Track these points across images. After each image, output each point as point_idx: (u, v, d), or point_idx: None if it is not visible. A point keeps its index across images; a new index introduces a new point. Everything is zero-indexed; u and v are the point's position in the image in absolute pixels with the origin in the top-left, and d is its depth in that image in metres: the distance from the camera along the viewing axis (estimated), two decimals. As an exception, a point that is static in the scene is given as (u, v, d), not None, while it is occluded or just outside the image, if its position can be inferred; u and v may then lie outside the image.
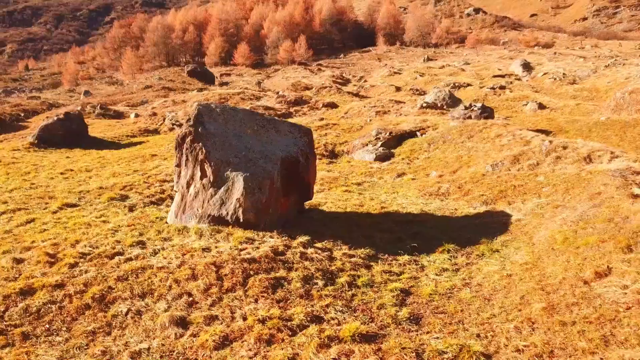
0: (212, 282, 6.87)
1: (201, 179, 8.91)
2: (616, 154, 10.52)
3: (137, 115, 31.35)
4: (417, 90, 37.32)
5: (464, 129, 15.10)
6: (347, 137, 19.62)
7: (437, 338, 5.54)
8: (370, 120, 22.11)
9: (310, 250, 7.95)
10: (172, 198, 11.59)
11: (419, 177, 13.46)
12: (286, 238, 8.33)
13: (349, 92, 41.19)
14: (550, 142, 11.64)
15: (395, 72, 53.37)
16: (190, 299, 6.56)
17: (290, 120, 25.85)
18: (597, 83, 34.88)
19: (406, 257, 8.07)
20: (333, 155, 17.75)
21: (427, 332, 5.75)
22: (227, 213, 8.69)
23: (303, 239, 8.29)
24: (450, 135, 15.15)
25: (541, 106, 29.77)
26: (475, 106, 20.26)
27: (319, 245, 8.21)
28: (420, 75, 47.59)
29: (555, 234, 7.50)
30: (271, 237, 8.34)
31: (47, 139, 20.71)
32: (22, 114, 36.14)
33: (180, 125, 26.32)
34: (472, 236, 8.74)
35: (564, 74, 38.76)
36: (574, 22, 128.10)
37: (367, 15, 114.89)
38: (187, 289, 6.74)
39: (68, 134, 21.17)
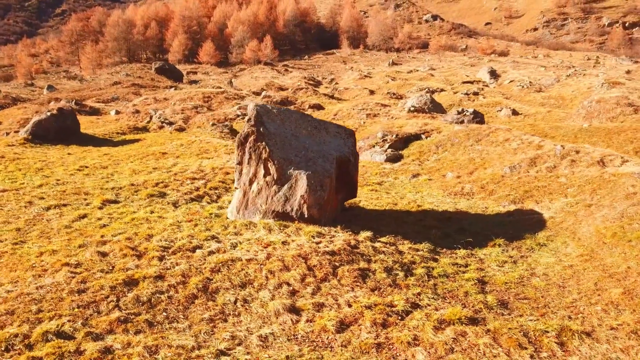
0: (304, 272, 7.32)
1: (264, 176, 9.29)
2: (625, 159, 11.64)
3: (117, 112, 30.83)
4: (394, 94, 38.39)
5: (470, 132, 16.01)
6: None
7: (533, 320, 6.23)
8: (363, 122, 22.81)
9: (378, 244, 8.51)
10: (209, 195, 11.87)
11: (435, 177, 14.23)
12: (350, 233, 8.85)
13: (324, 94, 41.80)
14: (563, 146, 12.68)
15: (365, 76, 54.46)
16: (290, 288, 6.98)
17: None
18: (562, 91, 37.04)
19: (463, 251, 8.75)
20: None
21: (520, 315, 6.44)
22: (292, 209, 9.11)
23: (366, 234, 8.83)
24: (458, 139, 16.03)
25: (515, 112, 31.37)
26: (467, 111, 21.34)
27: (383, 239, 8.77)
28: (391, 79, 48.85)
29: (601, 229, 8.38)
30: (336, 232, 8.83)
31: (41, 135, 20.24)
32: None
33: (170, 124, 26.22)
34: (514, 232, 9.54)
35: (530, 82, 40.87)
36: (525, 31, 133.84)
37: (329, 17, 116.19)
38: (284, 279, 7.15)
39: (62, 129, 20.75)
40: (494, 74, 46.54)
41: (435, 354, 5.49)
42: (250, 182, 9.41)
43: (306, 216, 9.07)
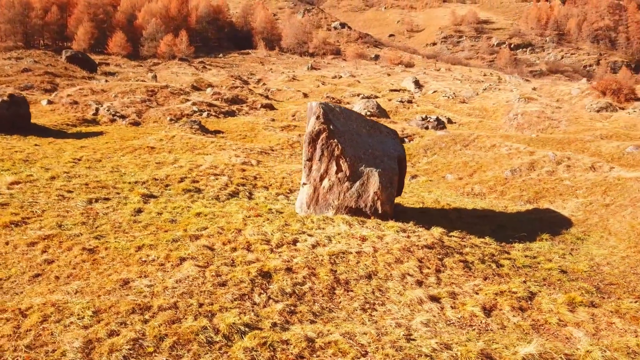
0: (417, 264, 7.71)
1: (336, 173, 9.50)
2: (612, 165, 13.41)
3: (50, 102, 28.38)
4: (333, 98, 39.33)
5: (455, 138, 17.23)
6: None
7: (634, 302, 7.20)
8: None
9: (454, 239, 9.12)
10: (241, 192, 11.72)
11: (435, 179, 15.18)
12: (423, 228, 9.36)
13: (260, 94, 41.69)
14: (555, 154, 14.24)
15: (293, 78, 54.98)
16: (415, 279, 7.34)
17: (242, 118, 25.96)
18: (484, 103, 40.40)
19: (520, 244, 9.64)
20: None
21: (619, 299, 7.38)
22: (366, 205, 9.43)
23: (439, 229, 9.39)
24: (444, 144, 17.17)
25: (450, 121, 33.65)
26: (430, 118, 22.75)
27: (454, 235, 9.39)
28: (322, 84, 49.86)
29: (636, 225, 9.71)
30: (413, 227, 9.28)
31: (-7, 123, 18.23)
32: None
33: (122, 117, 24.82)
34: (547, 228, 10.64)
35: (454, 93, 43.99)
36: (425, 45, 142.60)
37: (241, 17, 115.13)
38: (403, 270, 7.49)
39: (16, 118, 18.82)
40: (418, 84, 49.40)
41: (588, 332, 6.20)
42: (322, 179, 9.56)
43: (380, 212, 9.44)
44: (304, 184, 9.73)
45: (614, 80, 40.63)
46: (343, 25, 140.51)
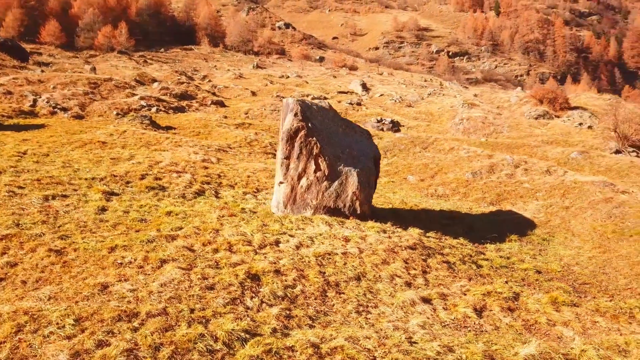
0: (403, 265, 7.62)
1: (315, 172, 9.28)
2: (565, 170, 14.01)
3: (-20, 91, 26.28)
4: (283, 97, 38.97)
5: (414, 140, 17.44)
6: (277, 139, 20.35)
7: (609, 300, 7.46)
8: (285, 123, 22.96)
9: (432, 240, 9.13)
10: (207, 190, 11.25)
11: (397, 180, 15.28)
12: (400, 228, 9.31)
13: (207, 91, 40.66)
14: (513, 157, 14.69)
15: (240, 76, 54.11)
16: (403, 280, 7.25)
17: (193, 115, 25.13)
18: (430, 108, 41.42)
19: (492, 245, 9.82)
20: (282, 155, 18.37)
21: (594, 297, 7.63)
22: (344, 205, 9.27)
23: (416, 230, 9.37)
24: (403, 145, 17.35)
25: (399, 124, 34.27)
26: (385, 120, 23.00)
27: (431, 235, 9.41)
28: (270, 83, 49.36)
29: (597, 226, 10.13)
30: (390, 227, 9.20)
31: None
32: None
33: (64, 110, 23.37)
34: (515, 229, 10.91)
35: (400, 97, 44.84)
36: (368, 49, 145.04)
37: (184, 11, 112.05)
38: (391, 271, 7.38)
39: (-55, 107, 17.21)
40: (365, 87, 49.94)
41: (577, 331, 6.33)
42: (299, 177, 9.30)
43: (358, 212, 9.30)
44: (281, 182, 9.42)
45: (550, 89, 42.86)
46: (288, 25, 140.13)
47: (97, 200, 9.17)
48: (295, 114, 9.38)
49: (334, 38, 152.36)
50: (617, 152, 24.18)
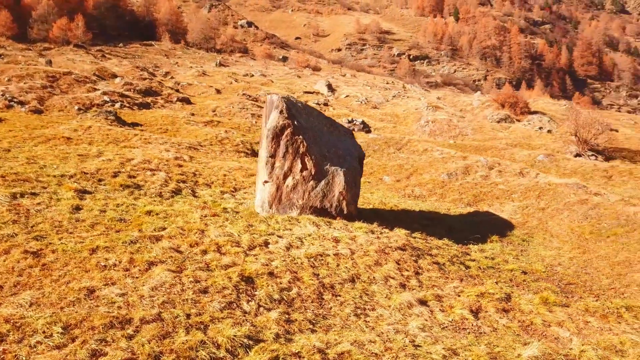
0: (396, 266, 7.50)
1: (301, 171, 9.06)
2: (537, 172, 14.28)
3: None
4: (249, 96, 38.46)
5: (388, 141, 17.45)
6: (250, 137, 20.03)
7: (595, 300, 7.57)
8: (255, 122, 22.77)
9: (419, 241, 9.06)
10: (183, 189, 10.86)
11: (372, 180, 15.23)
12: (387, 229, 9.20)
13: (171, 88, 39.68)
14: (487, 159, 14.88)
15: (203, 73, 53.13)
16: (397, 281, 7.13)
17: (159, 111, 24.39)
18: (395, 110, 41.81)
19: (474, 246, 9.86)
20: (255, 153, 18.03)
21: (581, 298, 7.73)
22: (331, 205, 9.09)
23: (402, 230, 9.29)
24: (377, 146, 17.32)
25: (368, 125, 34.39)
26: (356, 121, 22.98)
27: (417, 236, 9.35)
28: (235, 81, 48.68)
29: (574, 227, 10.34)
30: (377, 228, 9.08)
31: None
32: None
33: (21, 104, 22.23)
34: (494, 230, 11.01)
35: (366, 99, 45.06)
36: (331, 51, 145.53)
37: (144, 6, 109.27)
38: (384, 273, 7.25)
39: None
40: (331, 88, 49.92)
41: (572, 332, 6.36)
42: (285, 177, 9.05)
43: (345, 212, 9.14)
44: (266, 181, 9.14)
45: (512, 94, 44.03)
46: (250, 24, 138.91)
47: (70, 199, 8.64)
48: (281, 111, 9.13)
49: (297, 38, 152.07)
50: (578, 155, 25.00)
